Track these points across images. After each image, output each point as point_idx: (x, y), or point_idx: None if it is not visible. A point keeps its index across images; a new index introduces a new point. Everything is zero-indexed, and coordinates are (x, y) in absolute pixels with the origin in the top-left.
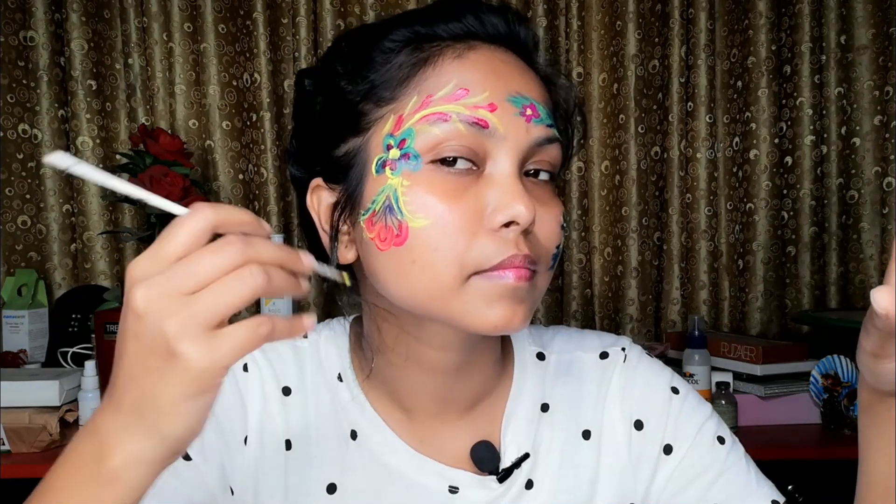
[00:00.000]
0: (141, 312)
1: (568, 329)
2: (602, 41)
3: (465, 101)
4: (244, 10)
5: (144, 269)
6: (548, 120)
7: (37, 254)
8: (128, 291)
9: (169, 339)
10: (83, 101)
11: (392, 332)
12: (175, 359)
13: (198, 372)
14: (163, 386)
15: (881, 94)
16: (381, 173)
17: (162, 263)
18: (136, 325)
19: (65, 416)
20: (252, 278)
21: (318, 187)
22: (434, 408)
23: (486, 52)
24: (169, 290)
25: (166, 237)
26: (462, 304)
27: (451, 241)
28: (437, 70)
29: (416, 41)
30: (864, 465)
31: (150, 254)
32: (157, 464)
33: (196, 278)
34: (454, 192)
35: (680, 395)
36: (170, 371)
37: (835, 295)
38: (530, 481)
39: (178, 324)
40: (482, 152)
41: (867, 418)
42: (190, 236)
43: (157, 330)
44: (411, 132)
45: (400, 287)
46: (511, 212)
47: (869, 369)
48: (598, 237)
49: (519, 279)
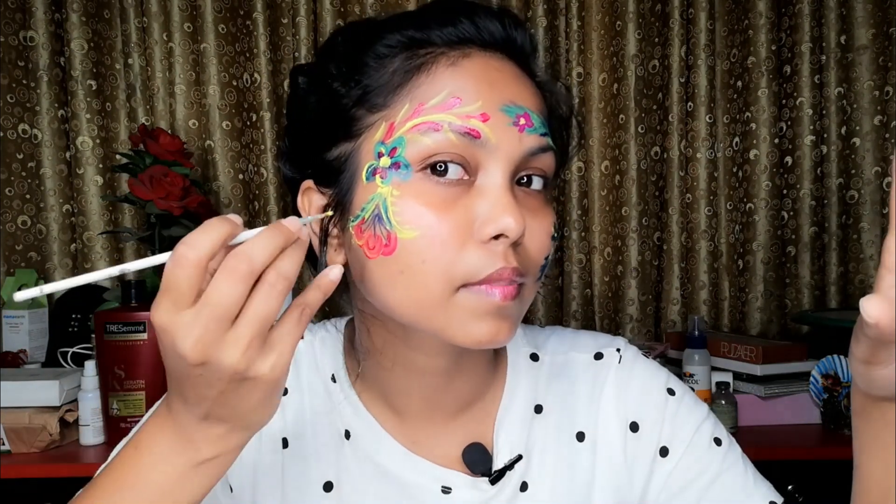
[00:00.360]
0: (200, 361)
1: (563, 329)
2: (602, 41)
3: (457, 111)
4: (244, 10)
5: (175, 318)
6: (542, 129)
7: (37, 254)
8: (172, 343)
9: (237, 371)
10: (83, 101)
11: (381, 336)
12: (248, 381)
13: (271, 381)
14: (243, 399)
15: (881, 94)
16: (372, 181)
17: (183, 304)
18: (201, 370)
19: (65, 416)
20: (273, 287)
21: (309, 189)
22: (425, 410)
23: (481, 60)
24: (214, 331)
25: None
26: (447, 318)
27: (440, 253)
28: (430, 77)
29: (410, 47)
30: (859, 469)
31: (171, 301)
32: (242, 447)
33: (227, 308)
34: (444, 203)
35: (676, 397)
36: (246, 388)
37: (835, 295)
38: (525, 483)
39: (238, 355)
40: (474, 162)
41: (861, 422)
42: (197, 270)
43: (222, 369)
44: (402, 141)
45: (387, 296)
46: (500, 225)
47: (861, 375)
48: (598, 237)
49: (505, 298)
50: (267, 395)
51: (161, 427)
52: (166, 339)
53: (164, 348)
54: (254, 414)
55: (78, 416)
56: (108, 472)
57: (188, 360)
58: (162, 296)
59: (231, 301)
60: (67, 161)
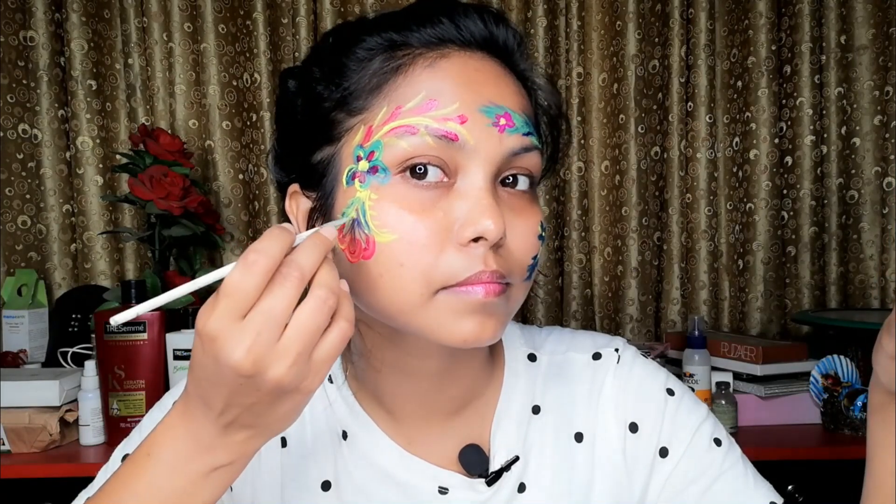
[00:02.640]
0: (251, 371)
1: (561, 330)
2: (602, 41)
3: (434, 114)
4: (244, 10)
5: (230, 325)
6: (524, 128)
7: (37, 254)
8: (221, 351)
9: (281, 384)
10: (83, 101)
11: (370, 338)
12: (293, 393)
13: (307, 394)
14: (275, 409)
15: (881, 94)
16: (351, 185)
17: (241, 311)
18: (244, 380)
19: (65, 416)
20: (322, 301)
21: (295, 193)
22: (419, 411)
23: (460, 60)
24: (266, 341)
25: (240, 291)
26: (430, 319)
27: (418, 256)
28: (407, 80)
29: (389, 48)
30: (872, 466)
31: (229, 308)
32: (255, 453)
33: (279, 318)
34: (422, 206)
35: (675, 397)
36: (282, 400)
37: (835, 295)
38: (522, 484)
39: (284, 369)
40: (453, 165)
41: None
42: (267, 277)
43: (267, 381)
44: (379, 144)
45: (370, 299)
46: (479, 227)
47: (886, 371)
48: (598, 237)
49: (488, 294)
50: (298, 405)
51: (174, 434)
52: (212, 347)
53: (206, 356)
54: (280, 422)
55: (78, 416)
56: (118, 477)
57: (239, 370)
58: (218, 302)
59: (283, 310)
60: (67, 161)
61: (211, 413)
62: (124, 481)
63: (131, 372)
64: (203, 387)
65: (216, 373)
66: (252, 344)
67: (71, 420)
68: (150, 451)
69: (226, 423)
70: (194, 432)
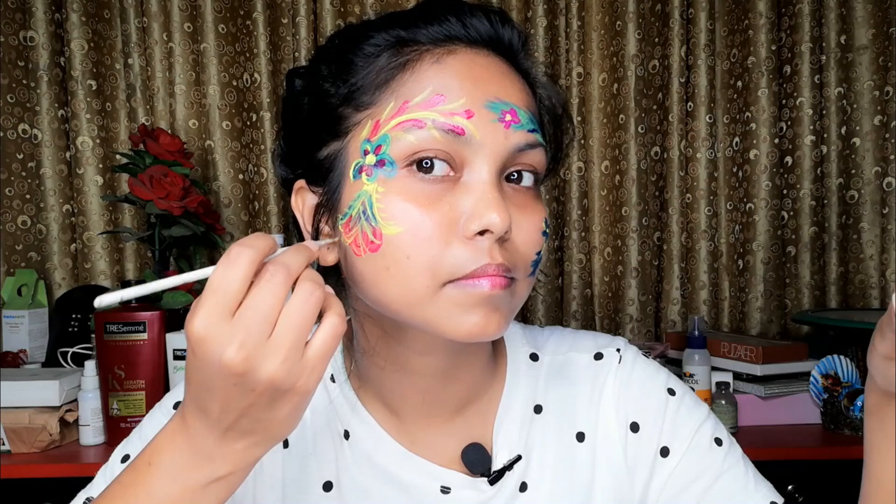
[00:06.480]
0: (242, 369)
1: (563, 330)
2: (602, 41)
3: (441, 108)
4: (244, 10)
5: (218, 324)
6: (529, 125)
7: (37, 254)
8: (211, 351)
9: (275, 380)
10: (83, 101)
11: (374, 335)
12: (283, 392)
13: (304, 392)
14: (272, 412)
15: (881, 94)
16: (358, 179)
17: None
18: (237, 380)
19: (65, 416)
20: (308, 293)
21: (301, 189)
22: (422, 410)
23: (466, 57)
24: (256, 336)
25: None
26: (436, 312)
27: (424, 249)
28: (415, 75)
29: (396, 45)
30: (869, 468)
31: (215, 305)
32: (256, 463)
33: (268, 313)
34: (428, 199)
35: (676, 397)
36: (279, 400)
37: (835, 295)
38: (524, 484)
39: (277, 364)
40: (459, 159)
41: (874, 421)
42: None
43: (260, 378)
44: (387, 138)
45: (376, 293)
46: (485, 220)
47: (881, 372)
48: (598, 237)
49: (494, 287)
50: (296, 407)
51: (173, 444)
52: (202, 348)
53: (197, 359)
54: (279, 427)
55: (78, 416)
56: (120, 484)
57: (231, 368)
58: (204, 301)
59: (272, 305)
60: (67, 161)
61: (208, 419)
62: (124, 490)
63: (131, 372)
64: (198, 392)
65: (209, 375)
66: (243, 341)
67: (71, 420)
68: (150, 459)
69: (224, 428)
70: (193, 441)
